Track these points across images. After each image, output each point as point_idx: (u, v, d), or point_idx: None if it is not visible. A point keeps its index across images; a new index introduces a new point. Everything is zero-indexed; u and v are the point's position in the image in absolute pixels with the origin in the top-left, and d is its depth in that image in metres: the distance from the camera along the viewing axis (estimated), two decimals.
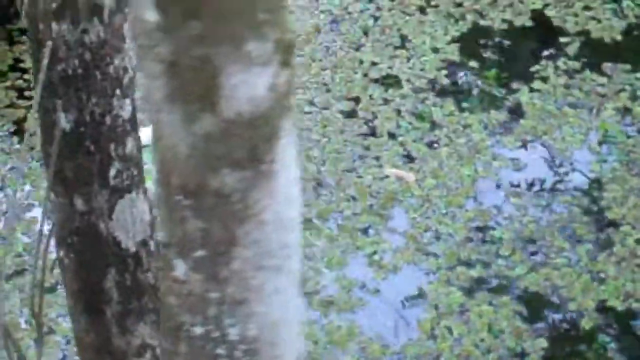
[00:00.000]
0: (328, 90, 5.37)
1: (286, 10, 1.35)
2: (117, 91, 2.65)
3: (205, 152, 1.38)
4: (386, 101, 5.31)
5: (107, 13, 2.55)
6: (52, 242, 2.86)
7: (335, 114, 5.24)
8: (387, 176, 4.91)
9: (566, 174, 4.92)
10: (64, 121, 2.66)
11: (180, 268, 1.47)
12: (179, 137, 1.39)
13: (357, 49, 5.65)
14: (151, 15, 1.30)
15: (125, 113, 2.71)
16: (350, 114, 5.25)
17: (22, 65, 5.44)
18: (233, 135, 1.36)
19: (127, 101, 2.70)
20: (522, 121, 5.20)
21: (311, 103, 5.28)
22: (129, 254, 2.85)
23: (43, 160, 2.78)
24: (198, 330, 1.50)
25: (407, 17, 5.84)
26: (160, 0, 1.29)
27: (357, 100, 5.33)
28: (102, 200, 2.78)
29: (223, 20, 1.28)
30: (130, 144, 2.76)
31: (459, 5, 5.93)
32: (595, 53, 5.57)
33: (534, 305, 4.38)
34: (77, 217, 2.80)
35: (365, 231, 4.68)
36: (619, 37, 5.63)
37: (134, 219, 2.84)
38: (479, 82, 5.47)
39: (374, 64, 5.54)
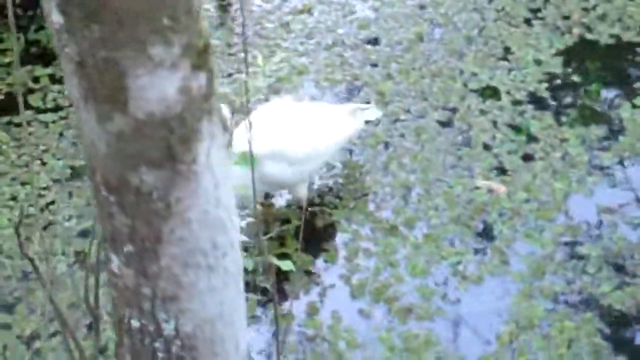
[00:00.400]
0: (425, 99, 5.36)
1: (197, 16, 1.38)
2: None
3: (122, 151, 1.42)
4: (483, 112, 5.28)
5: None
6: None
7: (430, 122, 5.23)
8: (477, 187, 4.88)
9: None
10: None
11: (114, 262, 1.52)
12: (96, 134, 1.43)
13: (459, 59, 5.63)
14: (56, 18, 1.35)
15: None
16: (446, 124, 5.24)
17: None
18: (146, 135, 1.39)
19: None
20: (621, 138, 5.10)
21: (407, 111, 5.29)
22: None
23: None
24: (135, 323, 1.53)
25: (512, 29, 5.80)
26: (63, 3, 1.34)
27: (454, 110, 5.31)
28: None
29: (124, 24, 1.32)
30: None
31: (566, 18, 5.86)
32: None
33: (617, 324, 4.29)
34: None
35: (451, 241, 4.66)
36: None
37: None
38: (580, 96, 5.38)
39: (474, 74, 5.51)
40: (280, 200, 4.81)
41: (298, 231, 4.61)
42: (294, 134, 4.45)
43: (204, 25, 1.43)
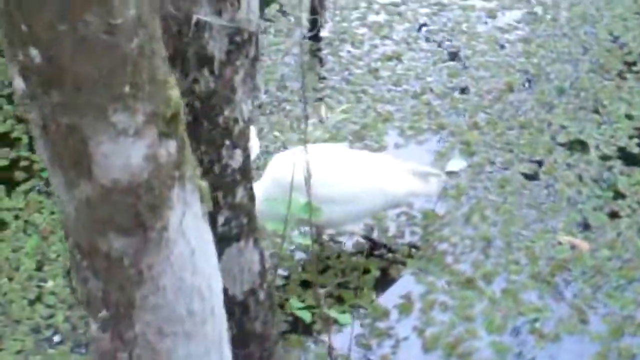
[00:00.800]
0: (511, 151, 5.26)
1: (164, 85, 1.36)
2: (227, 141, 2.70)
3: (90, 216, 1.40)
4: (570, 166, 5.16)
5: (218, 64, 2.60)
6: None
7: (515, 174, 5.13)
8: (560, 243, 4.76)
9: None
10: None
11: (93, 326, 1.49)
12: (65, 199, 1.42)
13: (549, 111, 5.52)
14: (18, 83, 1.34)
15: (235, 163, 2.75)
16: (531, 177, 5.13)
17: None
18: (113, 202, 1.37)
19: (238, 151, 2.75)
20: None
21: (492, 162, 5.20)
22: (236, 302, 2.88)
23: None
24: None
25: (605, 82, 5.66)
26: (23, 69, 1.32)
27: (540, 163, 5.20)
28: None
29: (83, 91, 1.30)
30: (240, 194, 2.80)
31: None
32: None
33: None
34: None
35: (529, 297, 4.54)
36: None
37: (241, 268, 2.87)
38: None
39: (563, 127, 5.39)
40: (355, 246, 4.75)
41: (377, 282, 4.56)
42: (332, 175, 4.40)
43: (173, 94, 1.40)
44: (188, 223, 1.45)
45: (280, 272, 4.52)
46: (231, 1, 2.57)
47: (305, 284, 4.51)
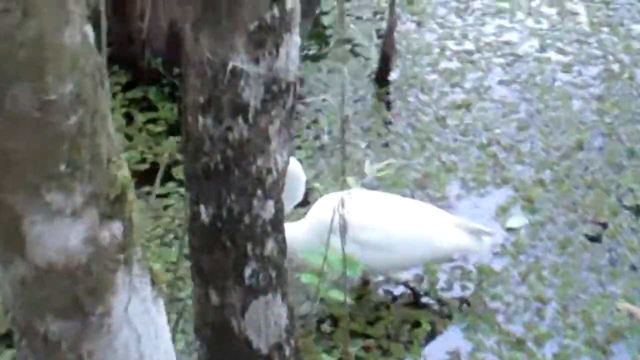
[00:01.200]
0: (575, 211, 5.11)
1: (108, 165, 1.28)
2: (259, 191, 2.64)
3: (26, 296, 1.33)
4: (635, 231, 4.99)
5: (252, 113, 2.54)
6: None
7: (578, 236, 4.97)
8: (618, 310, 4.59)
9: None
10: (204, 214, 2.67)
11: None
12: (2, 276, 1.34)
13: (617, 172, 5.35)
14: None
15: (267, 214, 2.69)
16: (594, 239, 4.97)
17: None
18: (49, 284, 1.30)
19: (270, 203, 2.68)
20: None
21: (554, 221, 5.05)
22: (260, 355, 2.81)
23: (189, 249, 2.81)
24: None
25: None
26: None
27: (604, 225, 5.03)
28: (236, 298, 2.76)
29: (13, 167, 1.22)
30: (270, 246, 2.73)
31: None
32: None
33: None
34: (211, 310, 2.80)
35: None
36: None
37: (267, 321, 2.79)
38: None
39: (630, 189, 5.22)
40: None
41: (429, 336, 4.45)
42: (375, 219, 4.30)
43: (119, 173, 1.33)
44: (135, 308, 1.37)
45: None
46: (269, 49, 2.51)
47: (354, 334, 4.41)
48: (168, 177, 5.10)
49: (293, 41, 2.55)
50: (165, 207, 5.02)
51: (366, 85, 5.88)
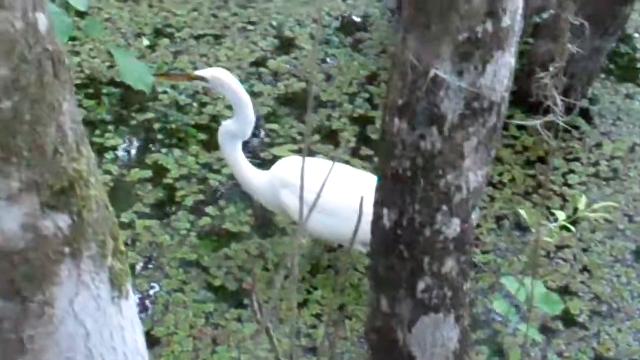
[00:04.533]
0: None
1: (54, 156, 1.21)
2: (444, 207, 2.54)
3: None
4: None
5: (448, 126, 2.45)
6: None
7: None
8: None
9: None
10: (386, 217, 2.61)
11: None
12: None
13: None
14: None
15: (450, 232, 2.59)
16: None
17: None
18: None
19: (455, 220, 2.58)
20: None
21: None
22: None
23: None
24: None
25: None
26: None
27: None
28: (405, 309, 2.69)
29: None
30: (449, 264, 2.63)
31: None
32: None
33: None
34: (380, 316, 2.74)
35: None
36: None
37: (435, 340, 2.71)
38: None
39: None
40: None
41: None
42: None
43: (69, 166, 1.27)
44: (84, 304, 1.34)
45: None
46: (476, 64, 2.40)
47: None
48: None
49: (504, 60, 2.42)
50: None
51: None
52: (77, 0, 1.93)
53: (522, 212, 2.84)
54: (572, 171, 5.15)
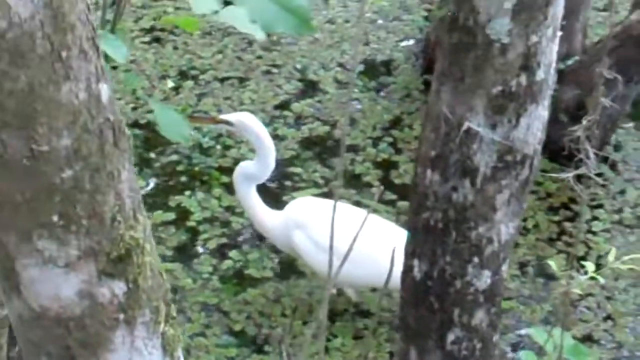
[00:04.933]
0: None
1: (112, 223, 1.21)
2: (475, 259, 2.54)
3: (25, 334, 1.30)
4: None
5: (481, 178, 2.45)
6: None
7: None
8: None
9: None
10: (417, 269, 2.61)
11: None
12: (8, 310, 1.32)
13: None
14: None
15: (481, 284, 2.59)
16: None
17: None
18: (42, 328, 1.25)
19: (486, 272, 2.58)
20: None
21: None
22: None
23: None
24: None
25: None
26: None
27: None
28: None
29: (6, 209, 1.18)
30: (479, 316, 2.62)
31: None
32: None
33: None
34: None
35: None
36: None
37: None
38: None
39: None
40: None
41: None
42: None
43: (127, 234, 1.27)
44: None
45: None
46: (509, 117, 2.40)
47: None
48: None
49: (538, 113, 2.43)
50: None
51: None
52: (116, 52, 1.95)
53: (551, 263, 2.83)
54: (595, 218, 5.13)
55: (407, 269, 2.65)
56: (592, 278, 2.89)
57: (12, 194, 1.22)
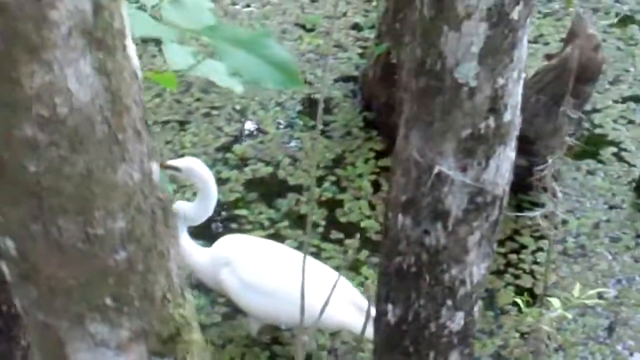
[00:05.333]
0: None
1: (163, 303, 1.21)
2: (448, 301, 2.55)
3: None
4: None
5: (452, 221, 2.46)
6: None
7: None
8: None
9: None
10: (391, 313, 2.61)
11: None
12: None
13: None
14: (4, 268, 1.25)
15: (454, 326, 2.60)
16: None
17: None
18: None
19: (459, 314, 2.59)
20: None
21: None
22: None
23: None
24: None
25: None
26: (4, 257, 1.22)
27: None
28: None
29: (57, 294, 1.17)
30: (454, 358, 2.63)
31: None
32: None
33: None
34: None
35: None
36: None
37: None
38: None
39: None
40: None
41: None
42: (262, 263, 4.21)
43: (175, 312, 1.26)
44: None
45: None
46: (479, 160, 2.42)
47: None
48: None
49: (506, 154, 2.45)
50: None
51: (624, 193, 5.61)
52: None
53: (519, 301, 2.86)
54: (540, 249, 5.19)
55: (381, 314, 2.65)
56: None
57: (66, 279, 1.19)
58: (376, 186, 5.57)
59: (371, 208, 5.40)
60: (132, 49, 1.08)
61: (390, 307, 2.61)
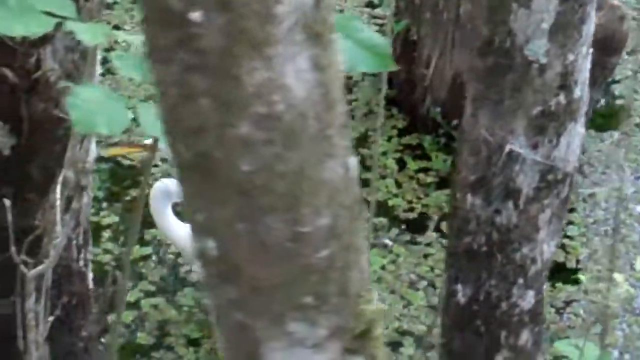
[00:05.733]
0: None
1: (356, 299, 1.19)
2: (520, 280, 2.53)
3: None
4: None
5: (524, 199, 2.45)
6: None
7: None
8: None
9: None
10: (461, 294, 2.59)
11: None
12: None
13: None
14: (198, 268, 1.23)
15: (526, 304, 2.58)
16: None
17: None
18: None
19: (530, 293, 2.57)
20: None
21: None
22: None
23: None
24: None
25: None
26: (201, 258, 1.21)
27: None
28: None
29: (260, 294, 1.16)
30: (525, 336, 2.61)
31: None
32: None
33: None
34: None
35: None
36: None
37: None
38: None
39: None
40: None
41: None
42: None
43: (367, 308, 1.25)
44: None
45: None
46: (550, 137, 2.41)
47: None
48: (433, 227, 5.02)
49: (577, 131, 2.43)
50: (426, 256, 4.92)
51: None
52: None
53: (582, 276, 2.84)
54: (570, 222, 5.18)
55: (450, 294, 2.63)
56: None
57: (269, 278, 1.17)
58: (401, 164, 5.55)
59: (397, 186, 5.38)
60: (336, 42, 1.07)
61: (459, 287, 2.60)
